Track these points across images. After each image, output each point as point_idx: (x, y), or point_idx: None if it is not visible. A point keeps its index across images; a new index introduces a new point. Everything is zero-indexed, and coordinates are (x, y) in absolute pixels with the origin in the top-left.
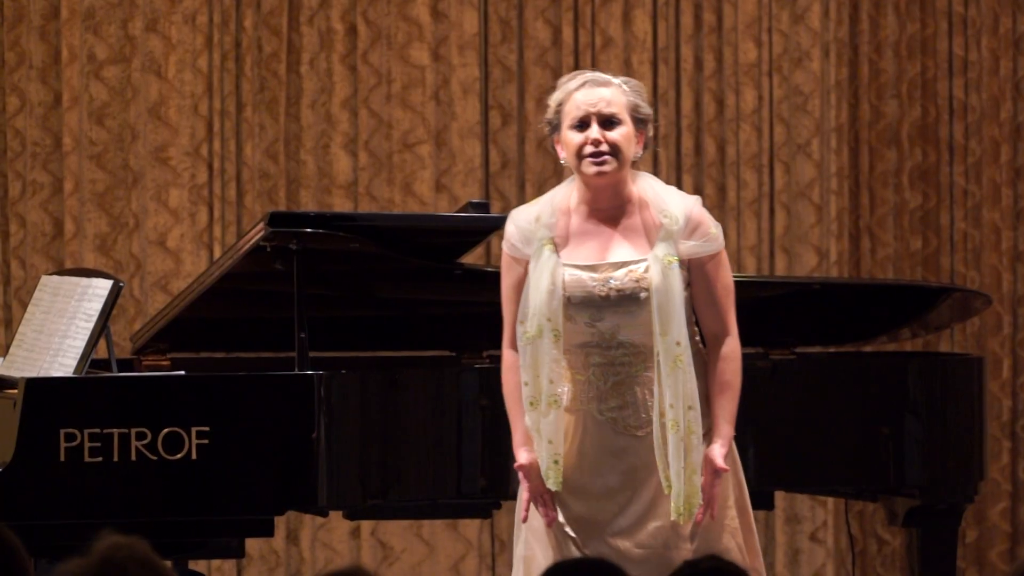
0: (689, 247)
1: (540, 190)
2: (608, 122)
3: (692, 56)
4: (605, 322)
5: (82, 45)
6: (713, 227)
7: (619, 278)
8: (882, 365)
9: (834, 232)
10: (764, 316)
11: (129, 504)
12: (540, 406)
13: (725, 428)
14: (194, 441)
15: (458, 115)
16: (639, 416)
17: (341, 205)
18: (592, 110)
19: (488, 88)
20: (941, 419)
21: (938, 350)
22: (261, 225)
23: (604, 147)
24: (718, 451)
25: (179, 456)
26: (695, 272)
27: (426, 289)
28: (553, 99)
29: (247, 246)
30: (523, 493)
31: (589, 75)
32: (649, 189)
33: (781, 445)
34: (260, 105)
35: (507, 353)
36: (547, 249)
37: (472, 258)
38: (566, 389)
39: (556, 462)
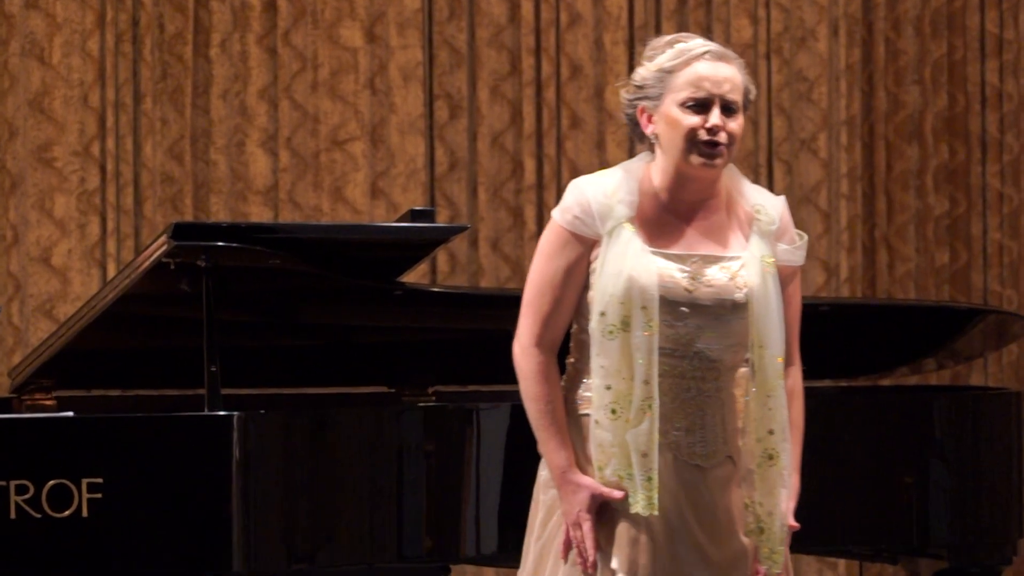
0: (780, 251)
1: (495, 195)
2: (728, 108)
3: None
4: (686, 324)
5: None
6: (798, 235)
7: (712, 274)
8: (903, 402)
9: (845, 244)
10: None
11: (7, 570)
12: (627, 414)
13: (794, 478)
14: (85, 495)
15: (397, 107)
16: (707, 444)
17: (259, 214)
18: (716, 91)
19: (433, 74)
20: (973, 465)
21: (969, 383)
22: (164, 238)
23: (723, 136)
24: (789, 506)
25: (67, 513)
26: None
27: (361, 313)
28: (656, 62)
29: (147, 263)
30: (561, 534)
31: (703, 42)
32: (736, 181)
33: None
34: (162, 96)
35: (535, 354)
36: (627, 229)
37: (415, 276)
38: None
39: (650, 479)
